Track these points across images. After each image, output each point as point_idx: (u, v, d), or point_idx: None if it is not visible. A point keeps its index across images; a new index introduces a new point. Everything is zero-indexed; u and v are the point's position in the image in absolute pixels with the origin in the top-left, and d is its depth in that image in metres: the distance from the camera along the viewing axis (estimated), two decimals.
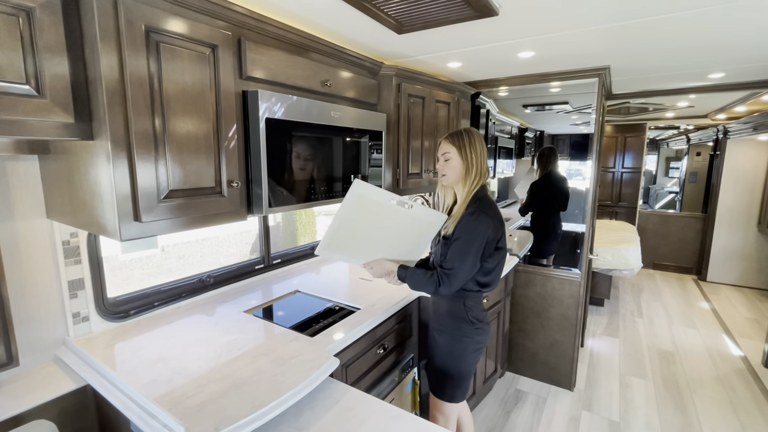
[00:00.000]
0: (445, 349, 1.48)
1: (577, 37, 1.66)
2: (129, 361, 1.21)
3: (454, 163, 1.40)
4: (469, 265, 1.33)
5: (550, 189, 2.76)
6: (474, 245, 1.32)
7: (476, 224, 1.32)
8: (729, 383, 2.63)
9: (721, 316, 3.74)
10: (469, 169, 1.39)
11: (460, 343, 1.46)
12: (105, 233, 1.02)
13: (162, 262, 7.10)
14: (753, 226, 4.52)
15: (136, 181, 0.96)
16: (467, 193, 1.39)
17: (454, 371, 1.48)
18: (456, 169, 1.40)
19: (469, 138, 1.39)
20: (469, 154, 1.38)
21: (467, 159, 1.39)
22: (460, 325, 1.45)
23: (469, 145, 1.38)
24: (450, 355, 1.47)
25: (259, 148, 1.22)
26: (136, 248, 7.05)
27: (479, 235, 1.32)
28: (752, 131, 3.80)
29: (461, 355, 1.46)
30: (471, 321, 1.45)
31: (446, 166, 1.42)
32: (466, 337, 1.45)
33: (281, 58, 1.35)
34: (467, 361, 1.48)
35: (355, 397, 1.17)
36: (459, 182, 1.42)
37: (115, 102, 0.92)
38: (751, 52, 1.92)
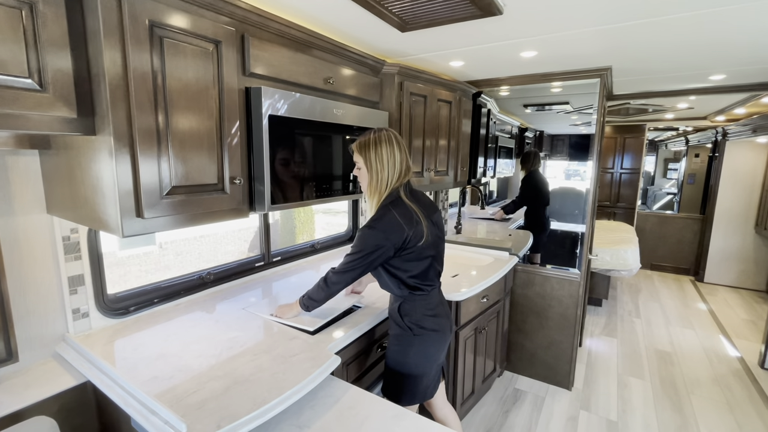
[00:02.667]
0: (391, 351, 1.44)
1: (580, 38, 1.66)
2: (129, 358, 1.20)
3: (363, 173, 1.32)
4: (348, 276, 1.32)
5: (536, 186, 2.91)
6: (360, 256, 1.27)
7: (362, 238, 1.27)
8: (726, 384, 2.64)
9: (718, 317, 3.76)
10: (372, 183, 1.29)
11: (401, 348, 1.40)
12: (106, 229, 1.02)
13: (159, 259, 7.08)
14: (750, 228, 4.54)
15: (138, 177, 0.95)
16: (374, 206, 1.31)
17: (400, 374, 1.42)
18: (365, 180, 1.32)
19: (376, 145, 1.27)
20: (374, 165, 1.27)
21: (372, 170, 1.28)
22: (400, 331, 1.40)
23: (375, 154, 1.27)
24: (395, 359, 1.42)
25: (262, 145, 1.22)
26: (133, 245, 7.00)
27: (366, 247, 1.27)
28: (752, 133, 3.81)
29: (403, 361, 1.40)
30: (408, 327, 1.38)
31: (359, 174, 1.34)
32: (405, 344, 1.39)
33: (284, 55, 1.34)
34: (411, 367, 1.40)
35: (357, 396, 1.17)
36: (366, 192, 1.34)
37: (118, 97, 0.91)
38: (752, 54, 1.93)
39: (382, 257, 1.29)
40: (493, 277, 2.11)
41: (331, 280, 1.36)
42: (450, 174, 2.40)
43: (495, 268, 2.25)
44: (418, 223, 1.30)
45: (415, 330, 1.38)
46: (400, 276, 1.34)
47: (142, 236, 1.08)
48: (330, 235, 2.61)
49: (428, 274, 1.37)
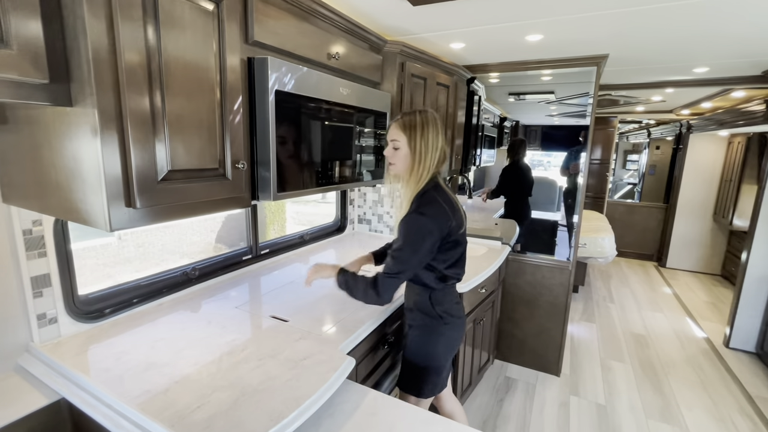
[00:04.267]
0: (414, 344, 1.38)
1: (586, 22, 1.61)
2: (113, 369, 1.04)
3: (402, 153, 1.22)
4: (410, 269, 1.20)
5: (518, 176, 2.93)
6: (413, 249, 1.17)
7: (420, 222, 1.17)
8: (697, 364, 2.80)
9: (683, 300, 3.99)
10: (415, 166, 1.21)
11: (428, 338, 1.36)
12: (86, 221, 0.85)
13: (119, 251, 6.58)
14: (709, 216, 4.84)
15: (129, 159, 0.79)
16: (411, 194, 1.22)
17: (423, 366, 1.38)
18: (404, 161, 1.22)
19: (423, 125, 1.19)
20: (419, 146, 1.19)
21: (417, 151, 1.20)
22: (429, 321, 1.35)
23: (420, 135, 1.18)
24: (419, 350, 1.37)
25: (267, 125, 1.07)
26: (88, 236, 6.45)
27: (419, 238, 1.16)
28: (718, 126, 4.02)
29: (431, 351, 1.36)
30: (440, 316, 1.34)
31: (394, 155, 1.23)
32: (434, 333, 1.35)
33: (290, 24, 1.18)
34: (437, 357, 1.37)
35: (377, 400, 1.08)
36: (403, 177, 1.25)
37: (103, 58, 0.74)
38: (738, 47, 1.97)
39: (434, 248, 1.20)
40: (491, 267, 2.07)
41: (383, 287, 1.18)
42: (446, 161, 2.32)
43: (490, 258, 2.21)
44: (457, 210, 1.25)
45: (446, 318, 1.35)
46: (438, 267, 1.27)
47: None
48: (318, 226, 2.48)
49: (461, 261, 1.34)
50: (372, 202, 2.62)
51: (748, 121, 3.47)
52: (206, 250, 7.88)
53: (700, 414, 2.24)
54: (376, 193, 2.59)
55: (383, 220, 2.60)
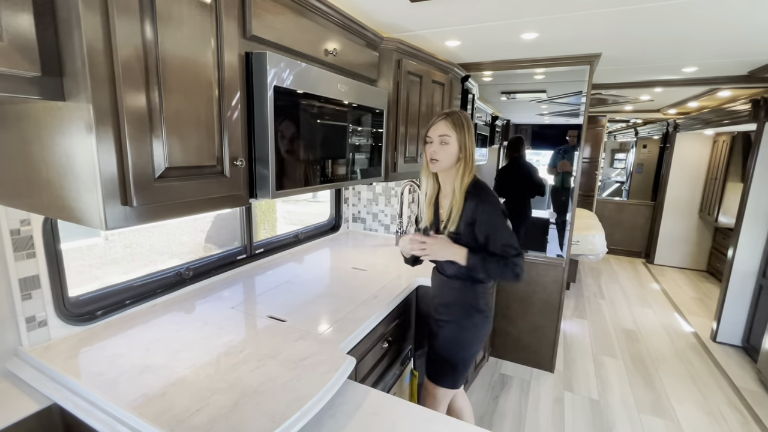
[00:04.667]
0: (451, 337, 1.42)
1: (580, 20, 1.62)
2: (106, 373, 1.01)
3: (451, 149, 1.29)
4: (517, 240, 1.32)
5: (516, 176, 2.88)
6: (507, 223, 1.31)
7: (495, 206, 1.29)
8: (686, 358, 2.85)
9: (671, 296, 4.07)
10: (464, 159, 1.30)
11: (468, 333, 1.41)
12: (80, 221, 0.82)
13: (106, 252, 6.43)
14: (695, 213, 4.94)
15: (126, 156, 0.76)
16: (461, 186, 1.30)
17: (458, 359, 1.43)
18: (452, 155, 1.29)
19: (467, 123, 1.30)
20: (466, 142, 1.29)
21: (464, 147, 1.29)
22: (471, 314, 1.40)
23: (467, 132, 1.29)
24: (455, 344, 1.42)
25: (266, 122, 1.05)
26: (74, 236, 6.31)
27: (503, 213, 1.31)
28: (704, 125, 4.10)
29: (467, 345, 1.42)
30: (482, 309, 1.41)
31: (441, 150, 1.29)
32: (475, 327, 1.41)
33: (288, 19, 1.16)
34: (472, 350, 1.44)
35: (378, 400, 1.07)
36: (450, 170, 1.33)
37: (98, 52, 0.71)
38: (727, 47, 2.01)
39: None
40: None
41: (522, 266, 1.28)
42: None
43: None
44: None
45: (487, 312, 1.42)
46: None
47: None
48: (313, 225, 2.45)
49: None
50: (366, 201, 2.60)
51: (733, 120, 3.55)
52: (196, 251, 7.77)
53: (690, 407, 2.28)
54: (370, 191, 2.58)
55: (378, 218, 2.59)
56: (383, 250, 2.27)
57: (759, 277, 2.87)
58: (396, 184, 2.48)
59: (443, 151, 1.29)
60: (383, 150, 1.74)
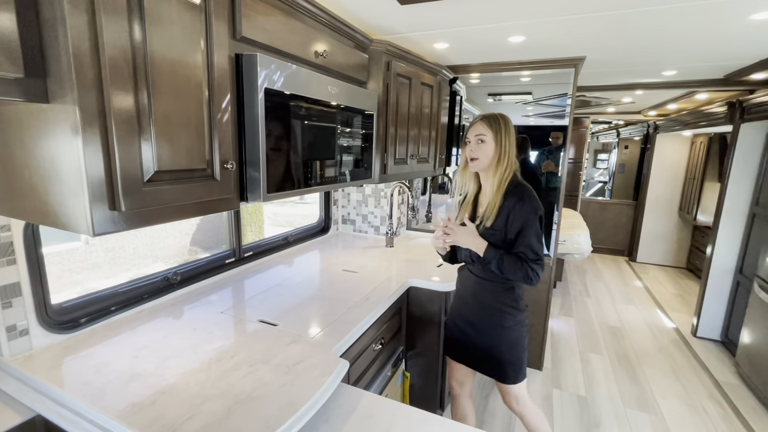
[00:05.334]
0: (502, 340, 1.46)
1: (566, 24, 1.66)
2: (93, 383, 0.98)
3: (488, 147, 1.36)
4: (542, 246, 1.35)
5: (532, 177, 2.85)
6: (539, 228, 1.34)
7: (532, 208, 1.33)
8: (668, 353, 2.93)
9: (653, 293, 4.18)
10: (501, 157, 1.36)
11: (515, 332, 1.45)
12: (65, 226, 0.80)
13: (86, 257, 6.25)
14: (675, 212, 5.09)
15: (114, 159, 0.75)
16: (499, 183, 1.36)
17: (517, 357, 1.47)
18: (489, 154, 1.36)
19: (505, 123, 1.37)
20: (503, 141, 1.36)
21: (501, 145, 1.36)
22: (514, 315, 1.44)
23: (504, 131, 1.36)
24: (508, 344, 1.46)
25: (256, 124, 1.04)
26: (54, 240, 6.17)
27: (538, 218, 1.34)
28: (682, 127, 4.23)
29: (518, 342, 1.46)
30: (522, 309, 1.46)
31: (478, 149, 1.37)
32: (520, 325, 1.46)
33: (278, 20, 1.15)
34: (524, 344, 1.49)
35: (372, 403, 1.07)
36: (489, 169, 1.39)
37: (85, 53, 0.69)
38: (704, 52, 2.08)
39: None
40: None
41: (538, 272, 1.32)
42: (430, 161, 2.33)
43: None
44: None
45: (525, 311, 1.48)
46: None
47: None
48: (302, 227, 2.44)
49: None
50: (356, 202, 2.60)
51: (709, 122, 3.67)
52: (181, 254, 7.62)
53: (673, 401, 2.34)
54: (360, 193, 2.58)
55: (368, 220, 2.59)
56: (373, 251, 2.27)
57: (736, 274, 2.97)
58: (386, 185, 2.48)
59: (480, 149, 1.36)
60: (373, 152, 1.74)
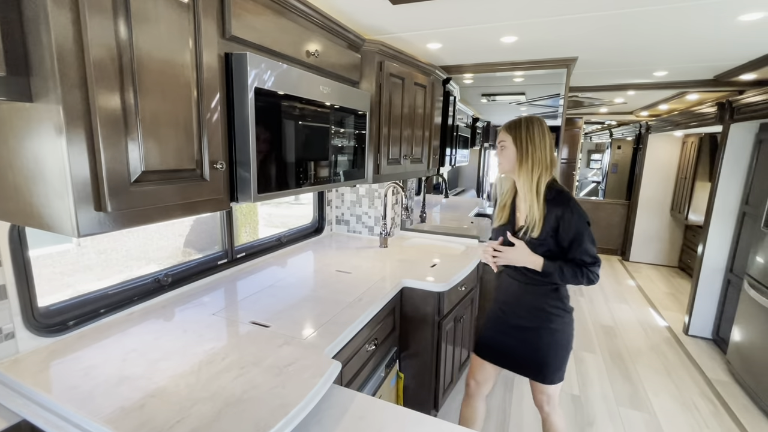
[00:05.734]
0: (549, 342, 1.47)
1: (558, 24, 1.67)
2: (81, 387, 0.97)
3: (508, 152, 1.41)
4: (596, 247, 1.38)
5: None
6: (591, 232, 1.36)
7: (581, 216, 1.35)
8: (660, 351, 2.96)
9: (645, 292, 4.21)
10: (523, 160, 1.38)
11: (564, 333, 1.47)
12: (50, 227, 0.78)
13: (78, 259, 6.18)
14: (667, 211, 5.14)
15: (99, 159, 0.73)
16: (531, 186, 1.37)
17: (561, 359, 1.49)
18: (510, 158, 1.41)
19: (527, 127, 1.38)
20: (524, 144, 1.38)
21: (522, 148, 1.38)
22: (562, 316, 1.46)
23: (525, 134, 1.38)
24: (556, 346, 1.47)
25: (247, 124, 1.03)
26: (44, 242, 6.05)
27: (588, 224, 1.36)
28: (674, 127, 4.27)
29: (565, 342, 1.48)
30: (569, 310, 1.48)
31: (501, 154, 1.45)
32: (567, 326, 1.48)
33: (268, 19, 1.15)
34: (571, 345, 1.51)
35: (365, 404, 1.06)
36: (515, 172, 1.42)
37: (69, 52, 0.68)
38: (695, 53, 2.10)
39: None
40: (470, 265, 2.10)
41: (598, 273, 1.36)
42: (424, 162, 2.34)
43: (469, 256, 2.25)
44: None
45: (571, 311, 1.49)
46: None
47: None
48: (295, 228, 2.43)
49: None
50: (350, 203, 2.59)
51: (700, 122, 3.71)
52: (174, 255, 7.56)
53: (665, 399, 2.36)
54: (354, 193, 2.57)
55: (362, 220, 2.58)
56: (367, 252, 2.26)
57: (727, 272, 3.00)
58: (379, 185, 2.47)
59: (502, 155, 1.45)
60: (366, 152, 1.74)
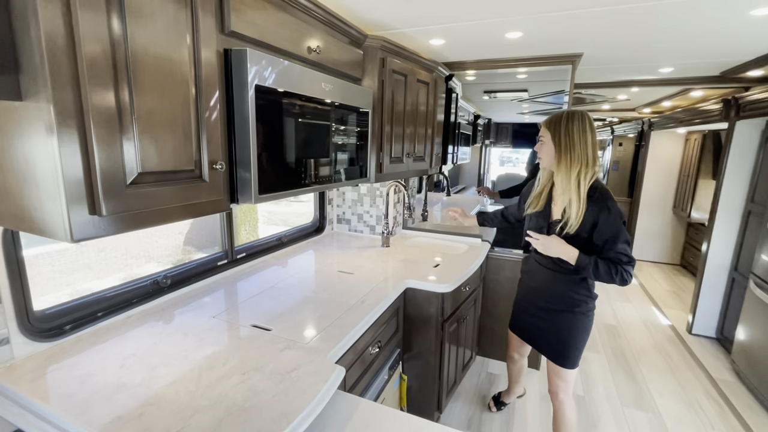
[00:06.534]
0: (571, 324, 1.55)
1: (563, 20, 1.63)
2: (76, 394, 0.94)
3: (546, 147, 1.45)
4: (632, 248, 1.43)
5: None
6: (626, 232, 1.38)
7: (619, 215, 1.37)
8: (664, 350, 2.94)
9: (648, 290, 4.19)
10: (562, 155, 1.39)
11: (587, 318, 1.54)
12: (42, 232, 0.75)
13: (77, 257, 6.15)
14: (669, 209, 5.11)
15: (93, 161, 0.70)
16: (571, 181, 1.38)
17: (581, 342, 1.57)
18: (548, 153, 1.45)
19: (567, 123, 1.39)
20: (563, 139, 1.39)
21: (560, 144, 1.40)
22: (587, 302, 1.53)
23: (564, 131, 1.39)
24: (578, 329, 1.55)
25: (247, 123, 0.99)
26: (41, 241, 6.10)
27: (624, 224, 1.38)
28: (677, 124, 4.23)
29: (587, 327, 1.55)
30: (594, 296, 1.55)
31: (540, 150, 1.50)
32: (591, 311, 1.55)
33: (269, 14, 1.11)
34: (589, 332, 1.58)
35: (369, 411, 1.03)
36: (554, 167, 1.46)
37: (60, 48, 0.65)
38: (701, 48, 2.06)
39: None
40: (474, 265, 2.07)
41: (632, 272, 1.37)
42: (426, 160, 2.30)
43: (473, 256, 2.22)
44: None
45: (596, 297, 1.55)
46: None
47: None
48: (296, 227, 2.39)
49: None
50: (351, 201, 2.56)
51: (704, 119, 3.67)
52: (174, 253, 7.53)
53: (670, 400, 2.34)
54: (355, 192, 2.54)
55: (363, 219, 2.55)
56: (369, 251, 2.23)
57: (731, 271, 2.97)
58: (381, 184, 2.44)
59: (540, 150, 1.50)
60: (369, 150, 1.71)
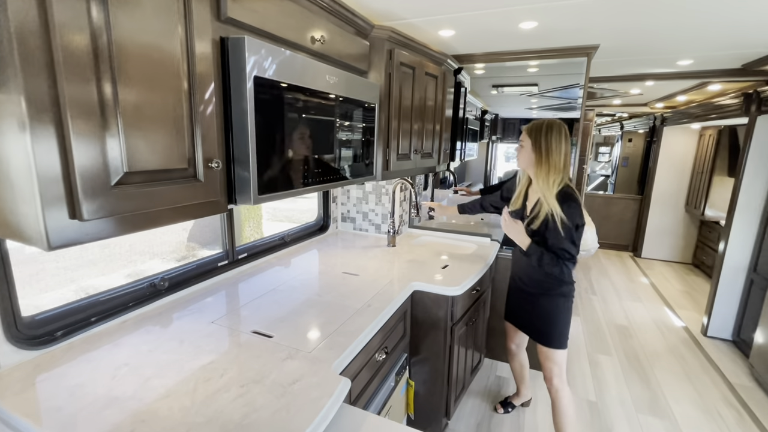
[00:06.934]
0: (551, 305, 1.68)
1: (581, 8, 1.54)
2: (65, 408, 0.88)
3: (525, 152, 1.58)
4: (577, 248, 1.53)
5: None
6: (574, 235, 1.49)
7: (572, 221, 1.47)
8: (679, 353, 2.85)
9: (659, 290, 4.09)
10: (541, 161, 1.52)
11: (567, 299, 1.67)
12: (19, 237, 0.68)
13: (81, 254, 6.13)
14: (681, 206, 4.99)
15: (71, 159, 0.63)
16: (544, 184, 1.51)
17: (562, 323, 1.69)
18: (526, 157, 1.58)
19: (547, 132, 1.51)
20: (542, 146, 1.52)
21: (539, 151, 1.52)
22: (560, 285, 1.64)
23: (544, 139, 1.51)
24: (556, 310, 1.68)
25: (245, 117, 0.92)
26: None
27: (575, 226, 1.49)
28: (691, 119, 4.10)
29: (566, 309, 1.68)
30: (570, 282, 1.66)
31: (519, 153, 1.62)
32: (566, 296, 1.66)
33: (270, 0, 1.03)
34: (569, 313, 1.69)
35: (377, 426, 0.96)
36: (530, 169, 1.60)
37: (31, 33, 0.58)
38: (724, 39, 1.95)
39: (581, 228, 1.54)
40: (483, 266, 2.00)
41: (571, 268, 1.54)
42: (434, 156, 2.22)
43: (482, 256, 2.14)
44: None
45: (573, 285, 1.68)
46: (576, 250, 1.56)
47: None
48: (299, 226, 2.33)
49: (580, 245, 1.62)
50: (356, 200, 2.48)
51: (720, 114, 3.55)
52: (178, 250, 7.51)
53: (686, 405, 2.26)
54: (360, 189, 2.46)
55: (368, 217, 2.48)
56: (375, 251, 2.16)
57: (750, 272, 2.87)
58: (387, 182, 2.36)
59: (519, 153, 1.63)
60: (375, 147, 1.63)
